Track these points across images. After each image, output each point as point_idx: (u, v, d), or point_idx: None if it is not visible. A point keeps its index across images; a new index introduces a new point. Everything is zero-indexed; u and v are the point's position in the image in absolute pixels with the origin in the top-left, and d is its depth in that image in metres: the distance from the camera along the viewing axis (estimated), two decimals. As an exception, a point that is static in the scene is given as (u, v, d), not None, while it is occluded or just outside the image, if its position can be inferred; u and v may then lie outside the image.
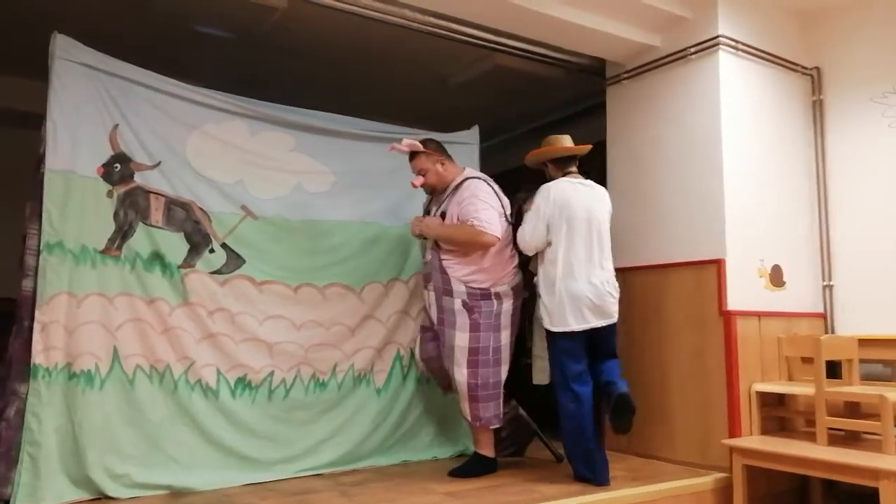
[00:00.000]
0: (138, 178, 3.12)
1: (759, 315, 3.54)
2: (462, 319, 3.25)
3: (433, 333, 3.41)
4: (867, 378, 3.47)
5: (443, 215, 3.35)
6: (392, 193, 3.78)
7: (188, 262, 3.18)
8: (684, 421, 3.56)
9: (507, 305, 3.35)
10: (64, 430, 2.81)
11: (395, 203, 3.80)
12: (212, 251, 3.25)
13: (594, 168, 4.83)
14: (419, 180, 3.40)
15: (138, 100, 3.15)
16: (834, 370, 3.33)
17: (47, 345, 2.79)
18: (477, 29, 3.72)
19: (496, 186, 3.44)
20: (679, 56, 3.79)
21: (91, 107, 3.02)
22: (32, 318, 2.77)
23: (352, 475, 3.34)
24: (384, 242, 3.74)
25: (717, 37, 3.61)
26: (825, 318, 3.83)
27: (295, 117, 3.60)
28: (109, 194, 3.03)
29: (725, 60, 3.63)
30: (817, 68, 3.97)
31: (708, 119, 3.63)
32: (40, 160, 2.93)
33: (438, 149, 3.45)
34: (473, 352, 3.24)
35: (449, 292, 3.29)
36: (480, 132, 4.22)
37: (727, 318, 3.42)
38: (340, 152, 3.69)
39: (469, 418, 3.30)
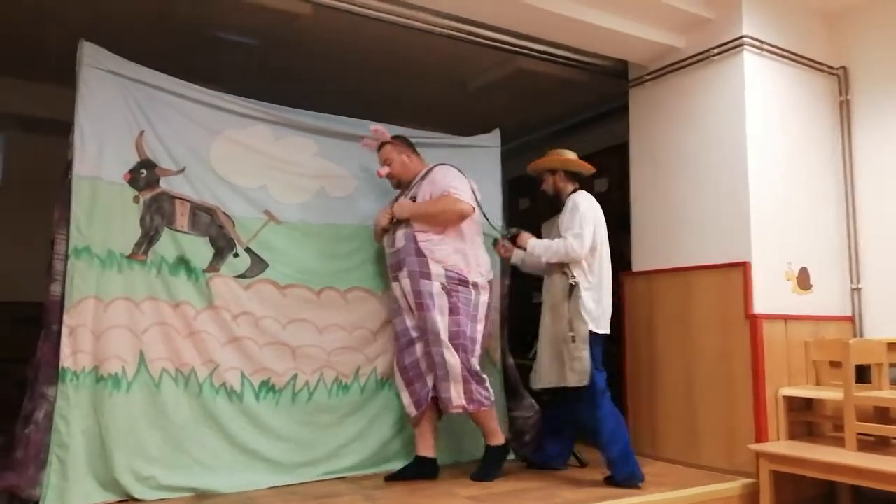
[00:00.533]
0: (164, 184, 3.15)
1: (786, 318, 3.49)
2: (442, 301, 3.22)
3: (409, 339, 3.33)
4: (897, 383, 3.41)
5: (413, 199, 3.36)
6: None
7: (213, 267, 3.21)
8: (710, 426, 3.51)
9: (484, 298, 3.35)
10: (91, 433, 2.84)
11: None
12: (236, 255, 3.28)
13: (616, 171, 4.83)
14: (384, 170, 3.43)
15: (163, 106, 3.19)
16: (862, 374, 3.28)
17: (75, 348, 2.83)
18: (498, 32, 3.73)
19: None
20: (702, 57, 3.75)
21: (117, 113, 3.06)
22: (60, 322, 2.81)
23: (375, 479, 3.34)
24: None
25: (742, 37, 3.57)
26: (853, 322, 3.76)
27: (318, 122, 3.62)
28: (136, 200, 3.07)
29: (750, 61, 3.60)
30: (844, 68, 3.91)
31: (732, 120, 3.59)
32: (68, 166, 2.98)
33: (406, 143, 3.51)
34: (454, 335, 3.21)
35: (427, 275, 3.23)
36: (502, 135, 4.21)
37: (753, 321, 3.38)
38: (363, 157, 3.70)
39: (464, 403, 3.21)
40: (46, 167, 4.07)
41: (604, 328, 3.35)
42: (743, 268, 3.44)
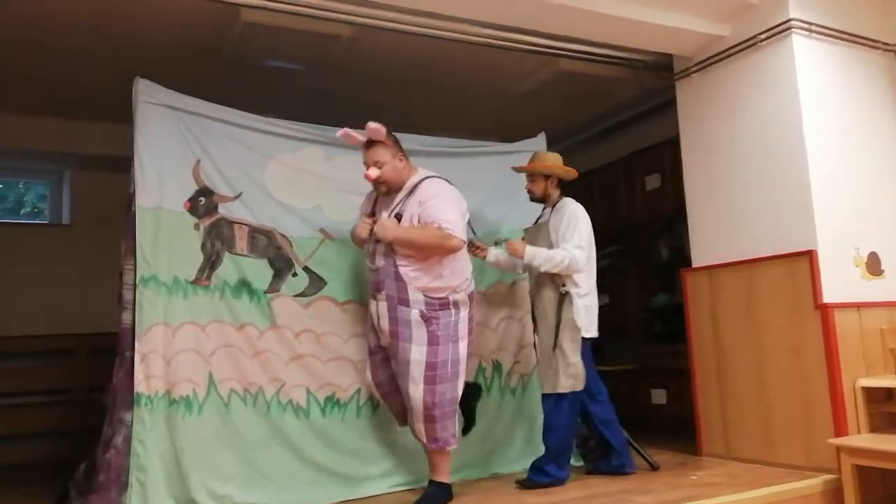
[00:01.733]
0: (222, 210, 3.25)
1: (859, 306, 3.35)
2: (419, 332, 2.97)
3: (384, 355, 3.14)
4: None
5: (398, 218, 3.06)
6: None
7: (273, 287, 3.28)
8: (785, 422, 3.39)
9: (464, 314, 3.11)
10: (168, 455, 2.93)
11: (472, 216, 3.80)
12: (294, 275, 3.34)
13: (667, 166, 4.75)
14: (374, 172, 3.06)
15: (217, 135, 3.29)
16: (947, 360, 3.12)
17: (148, 374, 2.92)
18: (537, 36, 3.72)
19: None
20: (749, 44, 3.66)
21: (174, 145, 3.18)
22: (133, 349, 2.92)
23: (443, 489, 3.34)
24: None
25: (789, 20, 3.47)
26: (932, 306, 3.59)
27: (363, 138, 3.66)
28: (196, 227, 3.17)
29: (799, 44, 3.49)
30: (901, 43, 3.77)
31: (786, 106, 3.49)
32: (130, 199, 3.10)
33: (397, 143, 3.17)
34: (431, 367, 2.96)
35: (405, 302, 3.00)
36: (547, 139, 4.19)
37: (824, 311, 3.25)
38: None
39: (424, 440, 3.02)
40: (109, 203, 4.26)
41: (593, 332, 3.40)
42: (809, 256, 3.32)
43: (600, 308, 3.54)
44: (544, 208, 3.58)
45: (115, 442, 2.84)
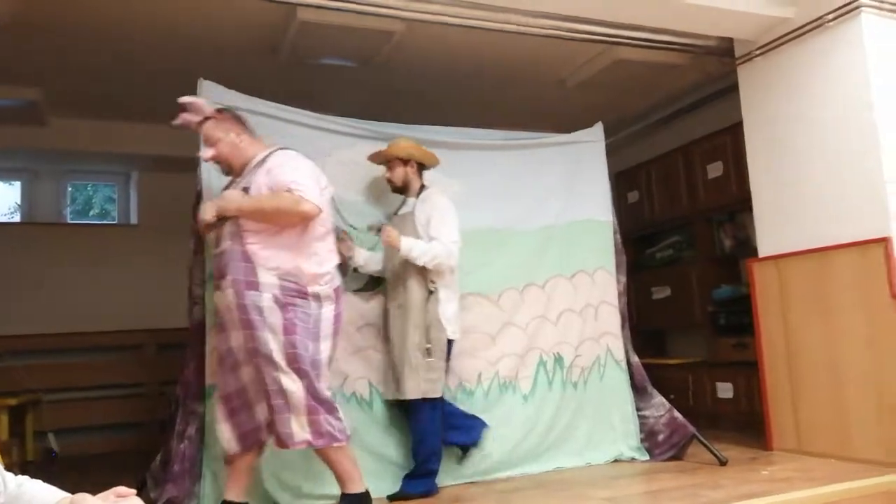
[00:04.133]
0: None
1: (938, 295, 3.20)
2: (274, 319, 2.59)
3: (235, 360, 2.69)
4: None
5: (245, 192, 2.71)
6: (522, 199, 3.78)
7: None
8: (862, 416, 3.26)
9: (328, 311, 2.74)
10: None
11: (526, 208, 3.79)
12: (355, 270, 3.38)
13: (729, 153, 4.62)
14: (209, 152, 2.78)
15: (278, 134, 3.34)
16: None
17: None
18: (592, 24, 3.65)
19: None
20: (815, 25, 3.52)
21: (237, 143, 3.23)
22: (203, 343, 3.00)
23: (506, 482, 3.33)
24: (517, 248, 3.74)
25: (859, -2, 3.33)
26: None
27: (420, 135, 3.66)
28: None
29: (869, 23, 3.34)
30: (980, 16, 3.56)
31: (855, 88, 3.35)
32: (198, 198, 3.17)
33: (235, 119, 2.87)
34: (292, 358, 2.60)
35: (254, 285, 2.61)
36: (605, 128, 4.13)
37: (901, 300, 3.12)
38: (468, 163, 3.72)
39: (309, 437, 2.60)
40: (175, 202, 4.39)
41: (457, 334, 3.23)
42: (884, 243, 3.18)
43: (661, 300, 3.45)
44: (406, 199, 3.36)
45: (188, 433, 2.92)
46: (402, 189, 3.35)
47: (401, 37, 3.87)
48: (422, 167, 3.37)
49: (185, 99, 2.78)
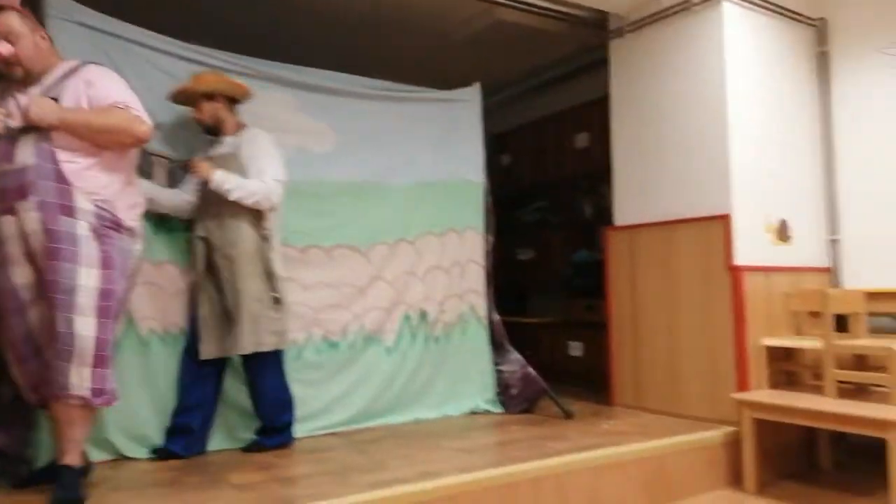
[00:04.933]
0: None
1: (766, 270, 3.55)
2: (89, 251, 2.31)
3: (20, 302, 2.34)
4: (875, 332, 3.50)
5: (54, 101, 2.35)
6: (397, 152, 3.75)
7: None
8: (693, 376, 3.59)
9: (137, 247, 2.53)
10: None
11: (400, 162, 3.77)
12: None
13: (597, 125, 4.82)
14: (5, 47, 2.33)
15: (139, 60, 3.08)
16: (841, 324, 3.36)
17: None
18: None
19: None
20: (682, 7, 3.72)
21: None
22: None
23: (366, 433, 3.37)
24: (389, 202, 3.72)
25: (722, -13, 3.55)
26: (831, 273, 3.84)
27: (297, 76, 3.53)
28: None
29: (730, 11, 3.57)
30: (823, 19, 3.91)
31: (712, 72, 3.58)
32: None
33: (39, 23, 2.52)
34: (106, 295, 2.31)
35: (69, 211, 2.30)
36: (483, 90, 4.16)
37: (734, 273, 3.43)
38: (344, 111, 3.63)
39: (89, 394, 2.27)
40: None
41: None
42: (724, 220, 3.48)
43: (525, 261, 3.57)
44: (222, 138, 3.09)
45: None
46: (214, 129, 3.07)
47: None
48: (234, 102, 3.11)
49: None
